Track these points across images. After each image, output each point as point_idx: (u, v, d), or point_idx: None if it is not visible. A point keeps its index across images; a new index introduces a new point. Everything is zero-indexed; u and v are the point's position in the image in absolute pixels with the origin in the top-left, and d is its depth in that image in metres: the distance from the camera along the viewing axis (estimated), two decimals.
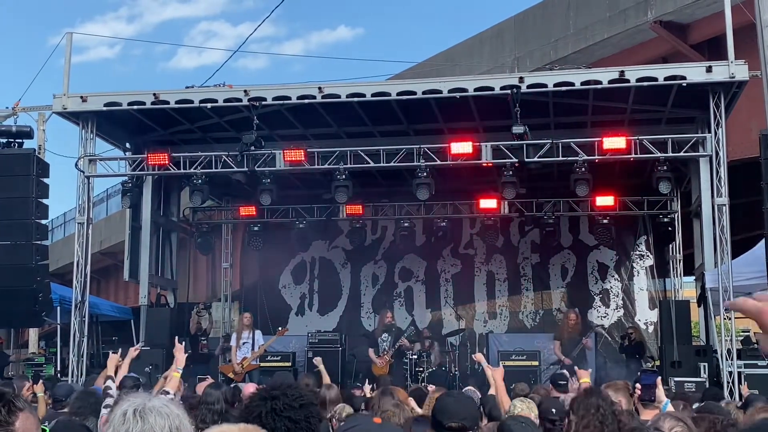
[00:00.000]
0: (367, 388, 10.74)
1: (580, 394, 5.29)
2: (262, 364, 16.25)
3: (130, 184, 16.91)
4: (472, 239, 20.75)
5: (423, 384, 13.59)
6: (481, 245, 20.56)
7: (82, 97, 15.90)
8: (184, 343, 9.01)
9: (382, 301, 20.60)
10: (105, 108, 15.88)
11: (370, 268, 21.19)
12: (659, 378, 5.35)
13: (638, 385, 5.38)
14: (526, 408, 6.42)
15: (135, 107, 15.88)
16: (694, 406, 7.30)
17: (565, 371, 13.16)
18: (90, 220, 16.36)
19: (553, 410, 6.20)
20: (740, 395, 12.30)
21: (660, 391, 5.28)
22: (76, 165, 16.18)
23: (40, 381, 12.49)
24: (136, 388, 8.27)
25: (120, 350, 9.65)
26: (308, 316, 21.22)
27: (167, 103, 15.72)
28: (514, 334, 19.33)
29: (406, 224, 19.72)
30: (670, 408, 5.30)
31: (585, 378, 8.00)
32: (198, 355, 17.92)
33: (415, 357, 16.69)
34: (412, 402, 7.72)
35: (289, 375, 9.98)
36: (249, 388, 9.39)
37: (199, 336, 19.09)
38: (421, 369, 16.34)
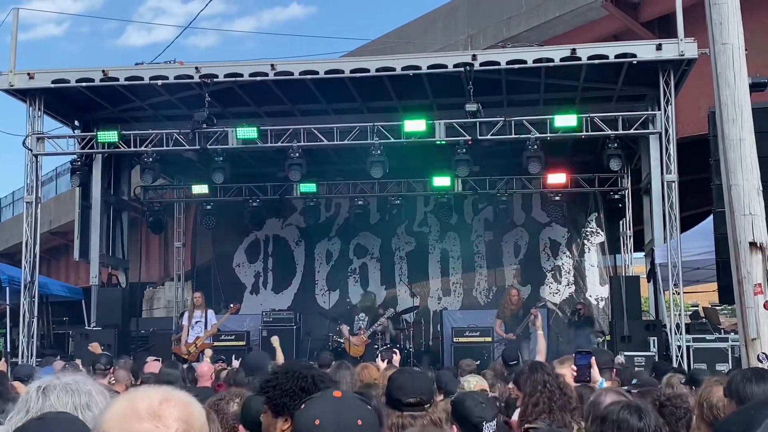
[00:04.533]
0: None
1: (525, 370, 5.34)
2: (216, 344, 16.17)
3: (79, 163, 16.69)
4: (426, 217, 20.81)
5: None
6: (435, 223, 20.64)
7: (29, 74, 15.63)
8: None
9: (337, 278, 20.61)
10: (53, 85, 15.65)
11: (324, 245, 21.16)
12: (593, 358, 5.43)
13: (573, 366, 5.45)
14: (479, 382, 6.44)
15: (84, 84, 15.66)
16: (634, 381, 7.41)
17: (513, 348, 13.23)
18: (39, 200, 16.11)
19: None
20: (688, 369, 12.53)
21: (595, 371, 5.37)
22: (23, 143, 15.91)
23: (2, 359, 12.37)
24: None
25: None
26: (263, 295, 21.13)
27: (117, 80, 15.50)
28: (468, 311, 19.43)
29: (360, 202, 19.72)
30: (606, 386, 5.38)
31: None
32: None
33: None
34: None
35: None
36: (203, 368, 9.35)
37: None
38: (377, 346, 16.38)
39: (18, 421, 2.63)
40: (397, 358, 8.90)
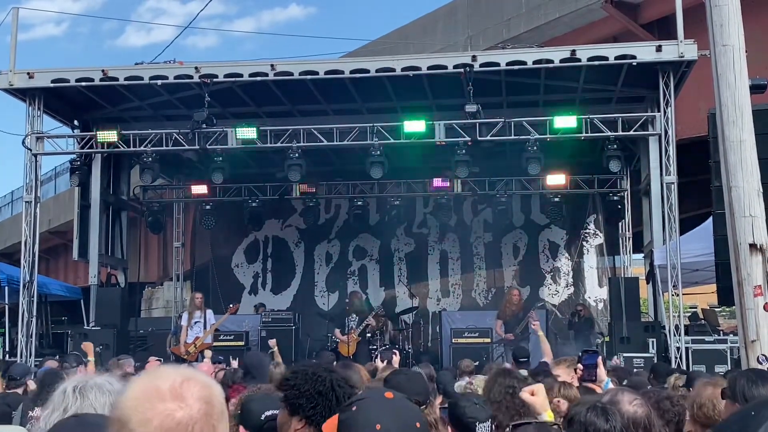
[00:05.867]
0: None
1: (490, 376, 5.36)
2: (214, 344, 16.16)
3: (78, 162, 16.68)
4: (426, 218, 20.81)
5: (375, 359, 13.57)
6: (435, 224, 20.64)
7: (29, 73, 15.62)
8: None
9: (336, 279, 20.60)
10: (52, 84, 15.63)
11: (324, 247, 21.16)
12: (600, 358, 5.41)
13: (580, 366, 5.43)
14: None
15: (83, 84, 15.64)
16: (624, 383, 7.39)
17: (524, 346, 13.19)
18: (38, 199, 16.11)
19: None
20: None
21: (601, 371, 5.34)
22: (23, 143, 15.90)
23: None
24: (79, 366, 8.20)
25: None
26: (261, 295, 21.11)
27: (116, 79, 15.49)
28: (467, 312, 19.42)
29: (359, 203, 19.69)
30: (611, 387, 5.36)
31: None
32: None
33: (370, 335, 16.74)
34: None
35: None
36: (203, 368, 9.35)
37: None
38: (375, 347, 16.37)
39: (55, 419, 2.63)
40: (396, 359, 8.88)
